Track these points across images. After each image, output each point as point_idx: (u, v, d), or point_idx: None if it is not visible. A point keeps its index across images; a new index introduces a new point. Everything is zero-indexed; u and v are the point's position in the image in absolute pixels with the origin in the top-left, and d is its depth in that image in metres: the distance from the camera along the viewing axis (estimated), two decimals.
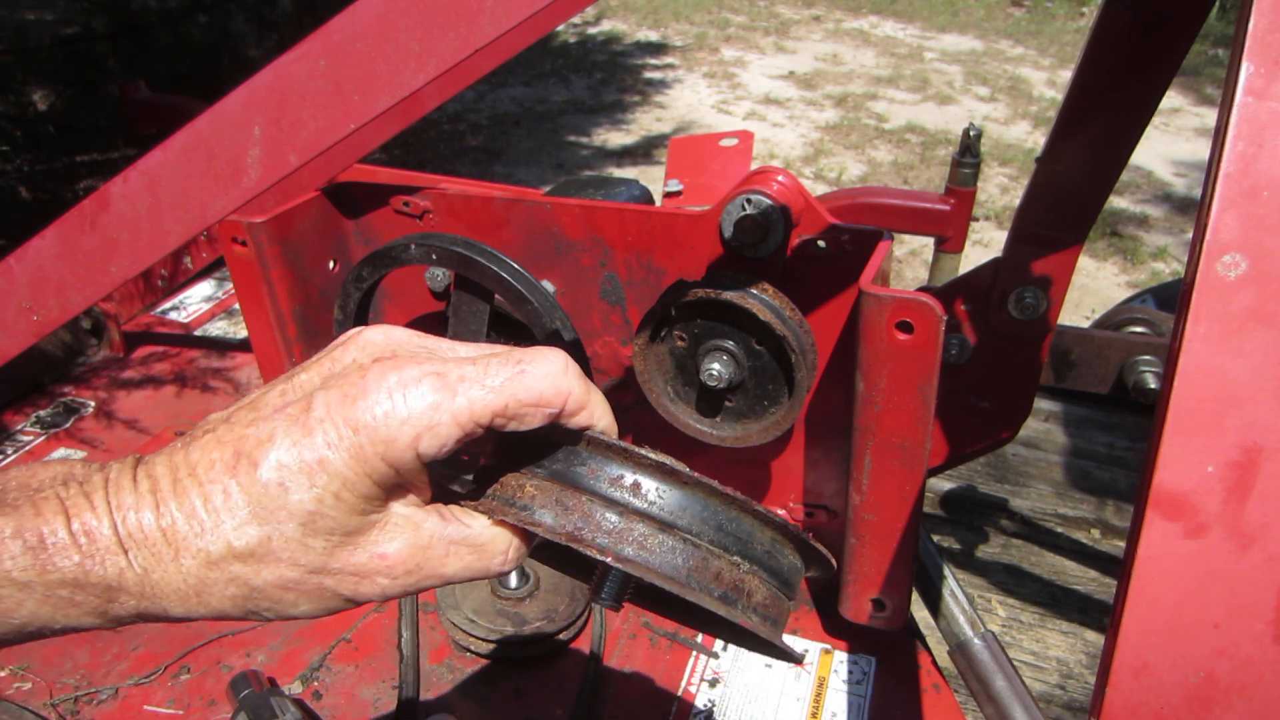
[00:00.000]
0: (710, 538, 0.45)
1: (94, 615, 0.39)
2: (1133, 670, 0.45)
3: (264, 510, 0.39)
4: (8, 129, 3.35)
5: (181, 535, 0.39)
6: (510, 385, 0.40)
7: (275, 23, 4.32)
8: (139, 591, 0.39)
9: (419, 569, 0.42)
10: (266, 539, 0.39)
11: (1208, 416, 0.44)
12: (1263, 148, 0.43)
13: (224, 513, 0.39)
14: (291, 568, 0.40)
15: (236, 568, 0.39)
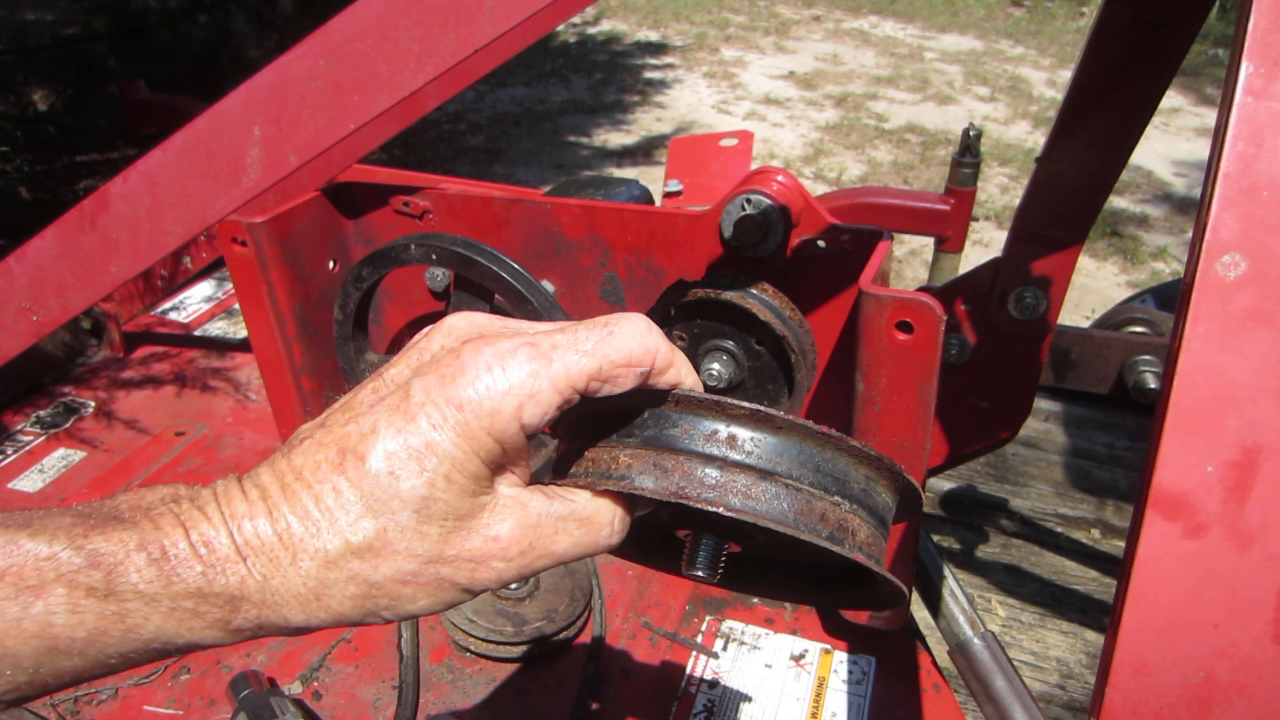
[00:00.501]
0: (810, 480, 0.45)
1: (217, 628, 0.39)
2: (1133, 670, 0.45)
3: (377, 502, 0.39)
4: (8, 129, 3.35)
5: (297, 538, 0.39)
6: (601, 347, 0.41)
7: (275, 23, 4.32)
8: (260, 599, 0.39)
9: (531, 549, 0.42)
10: (382, 530, 0.39)
11: (1207, 416, 0.44)
12: (1262, 148, 0.43)
13: (337, 510, 0.39)
14: (409, 559, 0.39)
15: (355, 565, 0.39)
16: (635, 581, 1.13)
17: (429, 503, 0.39)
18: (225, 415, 1.46)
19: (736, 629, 1.06)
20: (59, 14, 5.23)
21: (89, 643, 0.36)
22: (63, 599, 0.36)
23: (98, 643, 0.37)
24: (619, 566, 1.15)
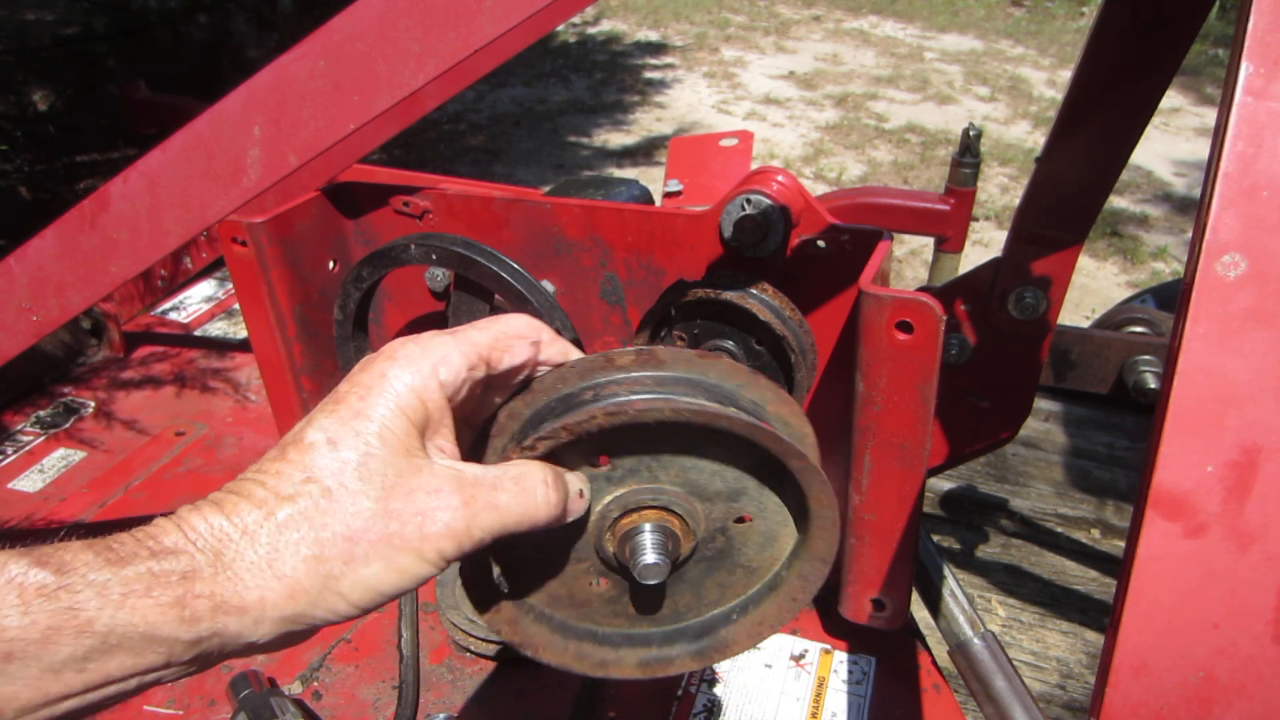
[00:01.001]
0: (704, 396, 0.51)
1: (172, 614, 0.39)
2: (1132, 670, 0.45)
3: (318, 468, 0.42)
4: (8, 129, 3.35)
5: (247, 515, 0.41)
6: (495, 325, 0.50)
7: (275, 23, 4.32)
8: (213, 574, 0.39)
9: (474, 499, 0.44)
10: (327, 490, 0.41)
11: (1207, 416, 0.44)
12: (1262, 148, 0.43)
13: (284, 484, 0.41)
14: (355, 516, 0.41)
15: (303, 527, 0.41)
16: None
17: (367, 459, 0.42)
18: (225, 415, 1.46)
19: None
20: (59, 14, 5.23)
21: (43, 645, 0.36)
22: (14, 602, 0.35)
23: (52, 644, 0.36)
24: None
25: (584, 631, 0.57)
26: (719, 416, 0.48)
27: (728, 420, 0.48)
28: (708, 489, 0.54)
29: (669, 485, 0.53)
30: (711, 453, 0.52)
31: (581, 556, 0.55)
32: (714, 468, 0.53)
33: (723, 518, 0.55)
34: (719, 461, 0.53)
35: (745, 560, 0.57)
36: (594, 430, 0.48)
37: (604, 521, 0.53)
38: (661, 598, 0.57)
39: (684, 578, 0.57)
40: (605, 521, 0.53)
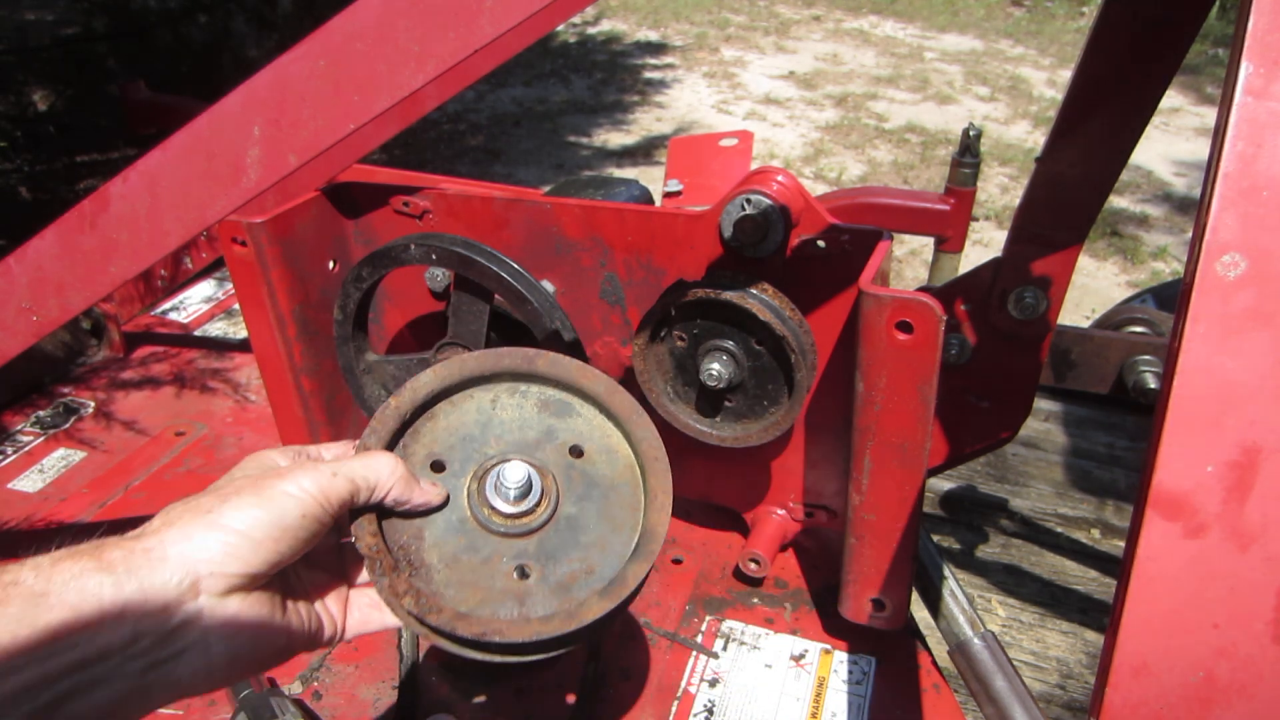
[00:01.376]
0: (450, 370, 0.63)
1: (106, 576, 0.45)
2: (1132, 670, 0.45)
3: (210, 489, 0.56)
4: (8, 129, 3.35)
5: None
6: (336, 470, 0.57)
7: (275, 23, 4.32)
8: (126, 554, 0.48)
9: (323, 464, 0.56)
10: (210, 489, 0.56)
11: (1207, 416, 0.44)
12: (1262, 147, 0.43)
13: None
14: (228, 483, 0.55)
15: (193, 501, 0.54)
16: None
17: (246, 474, 0.57)
18: (225, 415, 1.46)
19: (736, 629, 1.06)
20: (59, 14, 5.23)
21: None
22: None
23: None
24: None
25: (505, 597, 0.61)
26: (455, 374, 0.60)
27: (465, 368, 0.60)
28: (525, 441, 0.62)
29: (495, 452, 0.61)
30: (506, 408, 0.63)
31: (455, 528, 0.61)
32: (519, 420, 0.63)
33: (560, 456, 0.63)
34: (519, 412, 0.63)
35: (608, 479, 0.63)
36: (417, 404, 0.61)
37: (470, 499, 0.61)
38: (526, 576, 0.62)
39: (579, 532, 0.62)
40: (471, 499, 0.61)
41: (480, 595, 0.59)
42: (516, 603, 0.60)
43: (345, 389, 1.18)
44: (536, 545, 0.62)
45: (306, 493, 0.52)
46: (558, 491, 0.62)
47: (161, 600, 0.46)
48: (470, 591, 0.59)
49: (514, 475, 0.60)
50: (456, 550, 0.61)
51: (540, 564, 0.61)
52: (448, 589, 0.59)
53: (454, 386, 0.63)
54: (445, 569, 0.60)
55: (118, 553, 0.46)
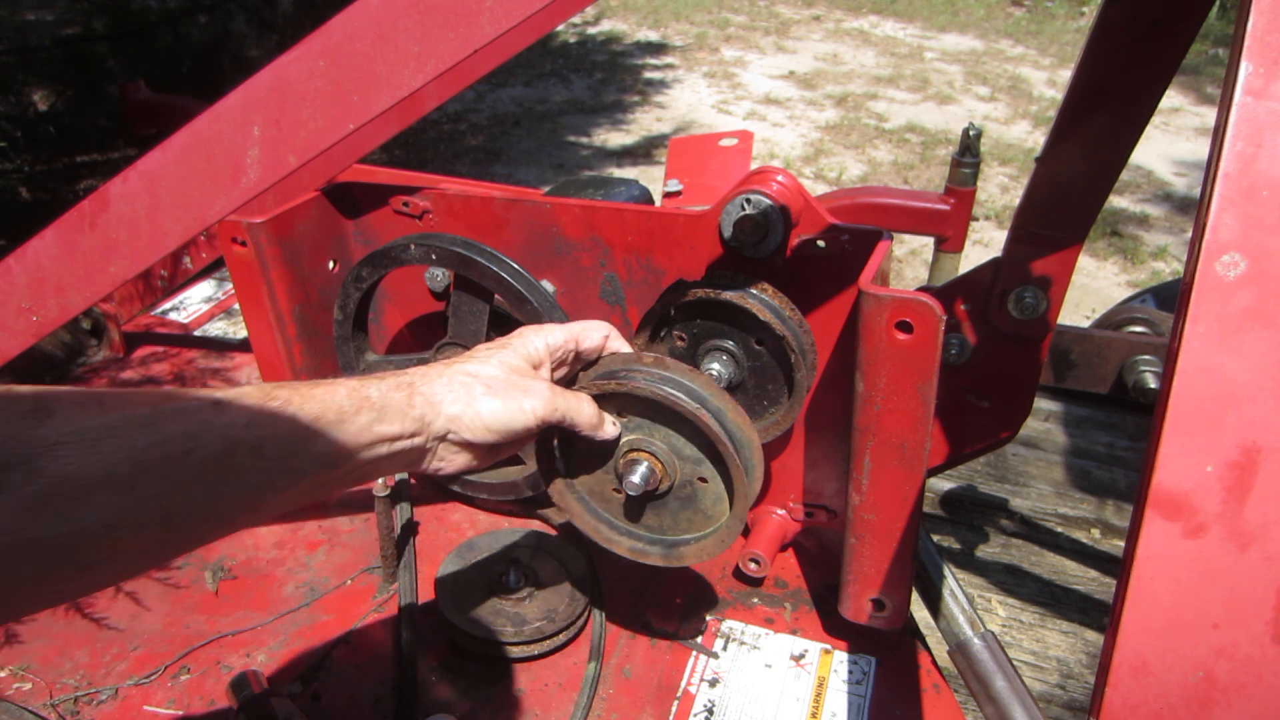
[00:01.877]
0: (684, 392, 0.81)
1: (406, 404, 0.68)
2: (1132, 670, 0.45)
3: (475, 358, 0.76)
4: (8, 129, 3.35)
5: (435, 369, 0.74)
6: (585, 324, 0.85)
7: (275, 23, 4.32)
8: (422, 384, 0.70)
9: (554, 393, 0.76)
10: (480, 365, 0.75)
11: (1207, 416, 0.44)
12: (1262, 147, 0.43)
13: (455, 361, 0.76)
14: (491, 378, 0.74)
15: (463, 376, 0.73)
16: (635, 581, 1.13)
17: (502, 362, 0.76)
18: None
19: (736, 629, 1.06)
20: (59, 14, 5.23)
21: (356, 413, 0.63)
22: (344, 394, 0.63)
23: (360, 412, 0.63)
24: (619, 567, 1.16)
25: (602, 516, 0.90)
26: (678, 406, 0.79)
27: (685, 410, 0.78)
28: (682, 452, 0.83)
29: (659, 444, 0.83)
30: (685, 431, 0.82)
31: (608, 470, 0.86)
32: (684, 442, 0.83)
33: (690, 475, 0.84)
34: (688, 439, 0.83)
35: (703, 508, 0.86)
36: (613, 391, 0.80)
37: (620, 452, 0.84)
38: (645, 512, 0.88)
39: (665, 507, 0.87)
40: (620, 452, 0.84)
41: (593, 484, 0.89)
42: (608, 515, 0.91)
43: None
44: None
45: (533, 413, 0.74)
46: (670, 491, 0.85)
47: (429, 431, 0.70)
48: (591, 481, 0.89)
49: (640, 474, 0.82)
50: (593, 485, 0.89)
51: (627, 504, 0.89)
52: (578, 478, 0.89)
53: (661, 398, 0.81)
54: (585, 487, 0.90)
55: (419, 398, 0.69)
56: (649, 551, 0.89)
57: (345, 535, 1.21)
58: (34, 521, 0.45)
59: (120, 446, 0.49)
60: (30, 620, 1.06)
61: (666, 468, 0.83)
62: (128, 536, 0.50)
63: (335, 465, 0.62)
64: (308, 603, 1.09)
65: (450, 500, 1.26)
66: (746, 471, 0.80)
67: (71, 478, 0.47)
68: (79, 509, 0.47)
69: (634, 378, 0.80)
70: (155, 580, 1.12)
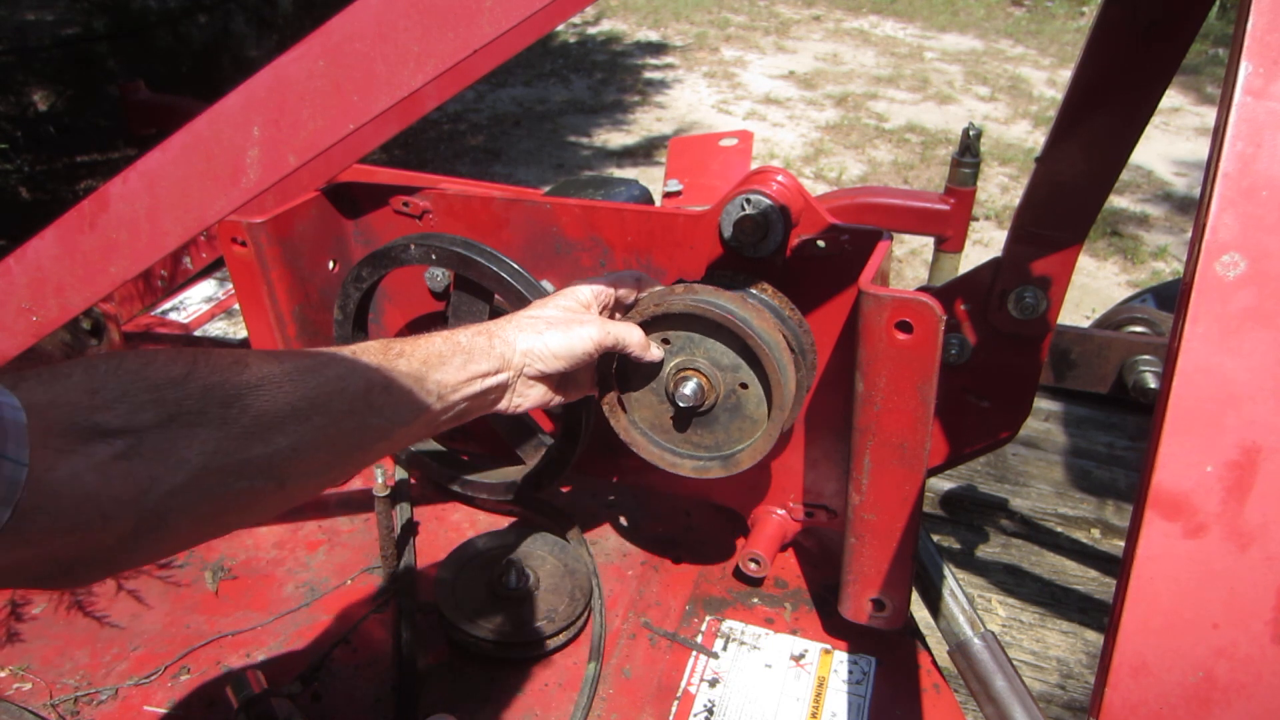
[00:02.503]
0: (714, 305, 0.89)
1: (489, 345, 0.81)
2: (1132, 670, 0.45)
3: (537, 305, 0.89)
4: (8, 129, 3.35)
5: (505, 318, 0.87)
6: (620, 274, 0.95)
7: (275, 23, 4.32)
8: (499, 329, 0.83)
9: (607, 324, 0.86)
10: (541, 308, 0.88)
11: (1207, 416, 0.44)
12: (1261, 147, 0.43)
13: (522, 310, 0.90)
14: (552, 316, 0.86)
15: (528, 318, 0.86)
16: (635, 581, 1.13)
17: (560, 304, 0.88)
18: None
19: (736, 629, 1.06)
20: (59, 14, 5.23)
21: (450, 355, 0.77)
22: (441, 341, 0.78)
23: (454, 355, 0.78)
24: (619, 566, 1.16)
25: (664, 444, 0.97)
26: (711, 313, 0.86)
27: (719, 316, 0.86)
28: (721, 362, 0.90)
29: (701, 359, 0.90)
30: (722, 338, 0.89)
31: (660, 394, 0.94)
32: (723, 349, 0.89)
33: (732, 383, 0.90)
34: (726, 346, 0.89)
35: (748, 413, 0.92)
36: (654, 315, 0.89)
37: (668, 373, 0.92)
38: (701, 428, 0.94)
39: (716, 422, 0.93)
40: (668, 373, 0.92)
41: (648, 414, 0.96)
42: (663, 430, 0.96)
43: None
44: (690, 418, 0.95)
45: (591, 338, 0.84)
46: (717, 399, 0.91)
47: (510, 366, 0.82)
48: (643, 410, 0.96)
49: (691, 388, 0.90)
50: (648, 389, 0.95)
51: (693, 427, 0.95)
52: (633, 405, 0.96)
53: (701, 314, 0.89)
54: (640, 405, 0.96)
55: (497, 340, 0.81)
56: (709, 467, 0.95)
57: (345, 535, 1.21)
58: (246, 445, 0.59)
59: (298, 387, 0.63)
60: (30, 620, 1.06)
61: (710, 380, 0.91)
62: (307, 458, 0.63)
63: (443, 398, 0.76)
64: (308, 603, 1.09)
65: (450, 500, 1.26)
66: (780, 369, 0.87)
67: (268, 412, 0.60)
68: (275, 435, 0.61)
69: (671, 301, 0.89)
70: (155, 579, 1.12)
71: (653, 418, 0.96)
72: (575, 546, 1.14)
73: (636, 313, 0.91)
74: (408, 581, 1.10)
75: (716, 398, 0.91)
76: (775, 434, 0.90)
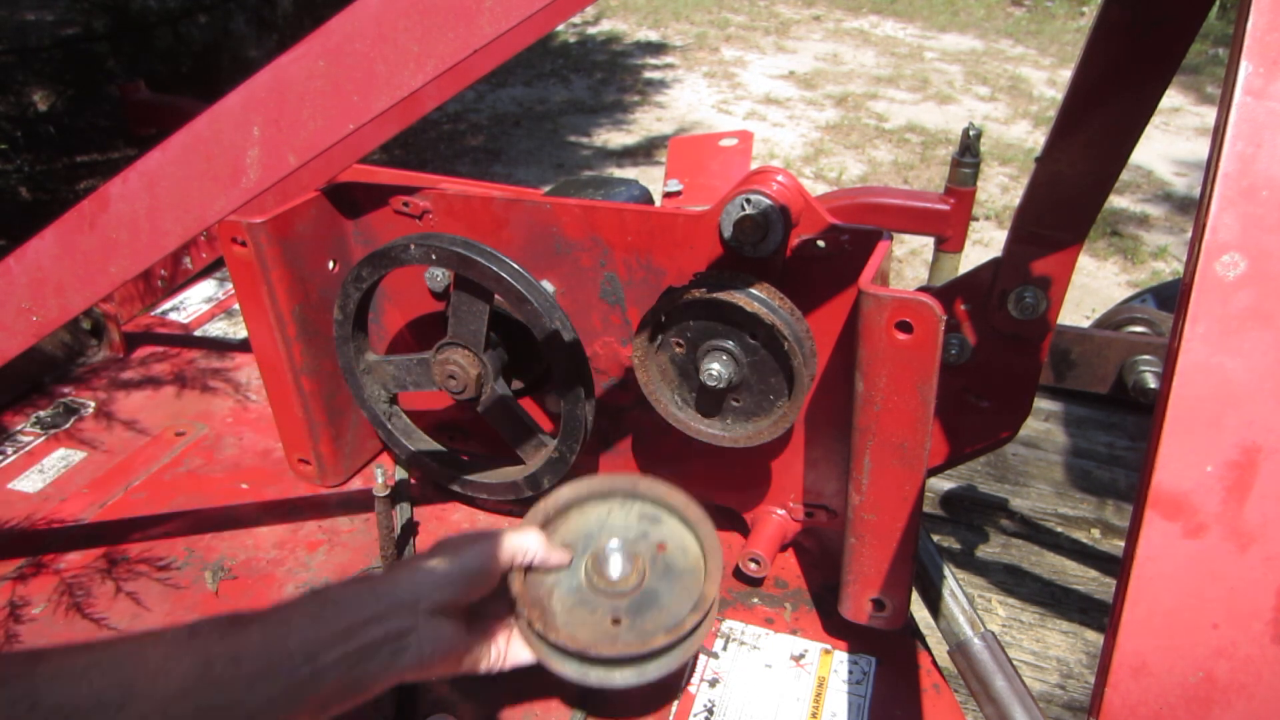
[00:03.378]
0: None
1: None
2: (1132, 670, 0.45)
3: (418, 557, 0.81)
4: (8, 129, 3.35)
5: None
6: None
7: (275, 23, 4.32)
8: None
9: (499, 532, 0.83)
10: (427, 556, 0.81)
11: (1206, 416, 0.44)
12: (1261, 147, 0.43)
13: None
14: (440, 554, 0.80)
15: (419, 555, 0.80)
16: None
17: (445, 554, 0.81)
18: (225, 416, 1.46)
19: (736, 629, 1.06)
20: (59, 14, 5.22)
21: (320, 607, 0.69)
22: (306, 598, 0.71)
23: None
24: None
25: (594, 660, 0.85)
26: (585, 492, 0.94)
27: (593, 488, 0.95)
28: (628, 538, 0.91)
29: (607, 543, 0.90)
30: (630, 514, 0.94)
31: (589, 603, 0.88)
32: (624, 524, 0.93)
33: (650, 550, 0.91)
34: (625, 519, 0.93)
35: (681, 566, 0.90)
36: (552, 514, 0.94)
37: (586, 571, 0.89)
38: (641, 613, 0.87)
39: (658, 600, 0.87)
40: (587, 570, 0.89)
41: (586, 632, 0.85)
42: (610, 639, 0.85)
43: (345, 389, 1.18)
44: (627, 604, 0.88)
45: (486, 554, 0.79)
46: (645, 571, 0.89)
47: (401, 606, 0.71)
48: (580, 629, 0.85)
49: (616, 558, 0.88)
50: (573, 604, 0.87)
51: (629, 616, 0.87)
52: (565, 627, 0.85)
53: (583, 499, 0.94)
54: (564, 614, 0.87)
55: (380, 585, 0.73)
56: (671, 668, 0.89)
57: (345, 535, 1.21)
58: None
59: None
60: (30, 621, 1.06)
61: (644, 560, 0.91)
62: None
63: (313, 660, 0.63)
64: None
65: (450, 500, 1.26)
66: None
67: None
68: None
69: (561, 497, 0.91)
70: (155, 580, 1.12)
71: (573, 603, 0.88)
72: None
73: (531, 518, 0.90)
74: None
75: (642, 576, 0.89)
76: (706, 611, 0.86)
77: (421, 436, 1.19)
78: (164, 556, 1.15)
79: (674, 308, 0.94)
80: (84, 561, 1.14)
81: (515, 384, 1.18)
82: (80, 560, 1.15)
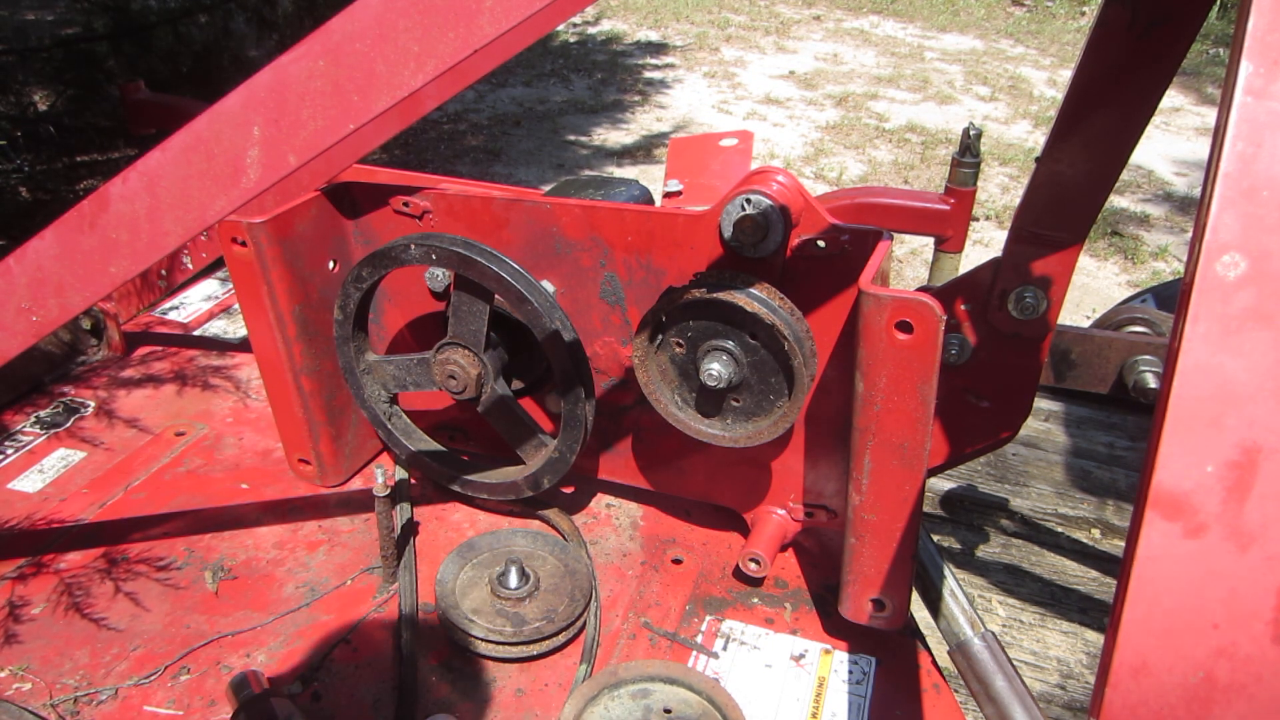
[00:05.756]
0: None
1: None
2: (1132, 670, 0.45)
3: None
4: (8, 129, 3.34)
5: None
6: None
7: (275, 23, 4.31)
8: None
9: None
10: None
11: (1207, 416, 0.44)
12: (1262, 147, 0.43)
13: None
14: None
15: None
16: (635, 581, 1.13)
17: None
18: (225, 415, 1.46)
19: (736, 629, 1.06)
20: (59, 14, 5.23)
21: None
22: None
23: None
24: (619, 567, 1.15)
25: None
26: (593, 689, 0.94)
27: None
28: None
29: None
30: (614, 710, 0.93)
31: None
32: (627, 710, 0.92)
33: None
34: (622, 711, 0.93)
35: (695, 717, 0.91)
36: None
37: None
38: None
39: None
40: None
41: None
42: None
43: (345, 389, 1.18)
44: None
45: None
46: None
47: None
48: None
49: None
50: None
51: None
52: None
53: (580, 709, 0.91)
54: None
55: None
56: None
57: (345, 535, 1.21)
58: None
59: None
60: (30, 620, 1.06)
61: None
62: None
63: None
64: (308, 603, 1.09)
65: (450, 500, 1.26)
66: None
67: None
68: None
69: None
70: (155, 580, 1.12)
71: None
72: (575, 547, 1.14)
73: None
74: (408, 581, 1.10)
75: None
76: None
77: (421, 436, 1.19)
78: (164, 556, 1.15)
79: (674, 308, 0.94)
80: (84, 561, 1.14)
81: (515, 384, 1.18)
82: (80, 560, 1.15)
